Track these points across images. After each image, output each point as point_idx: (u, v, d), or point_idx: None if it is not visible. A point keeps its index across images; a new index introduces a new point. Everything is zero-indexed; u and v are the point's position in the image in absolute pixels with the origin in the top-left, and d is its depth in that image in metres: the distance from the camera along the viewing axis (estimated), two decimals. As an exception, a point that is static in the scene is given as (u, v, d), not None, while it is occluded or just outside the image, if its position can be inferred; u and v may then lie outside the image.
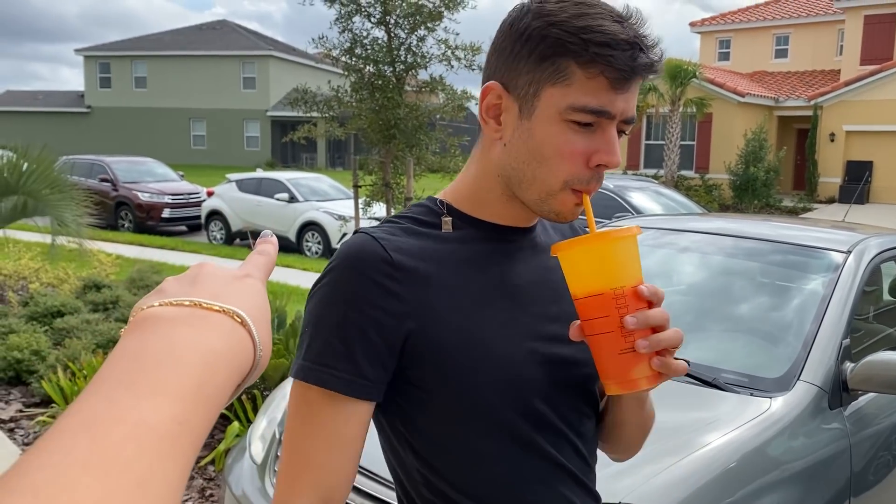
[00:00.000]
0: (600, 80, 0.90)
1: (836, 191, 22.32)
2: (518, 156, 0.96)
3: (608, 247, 0.90)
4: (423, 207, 1.05)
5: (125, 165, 16.04)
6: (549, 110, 0.92)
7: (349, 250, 0.97)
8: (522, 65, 0.94)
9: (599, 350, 0.92)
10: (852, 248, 2.86)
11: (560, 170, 0.93)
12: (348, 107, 6.54)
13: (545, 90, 0.92)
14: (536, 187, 0.95)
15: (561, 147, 0.92)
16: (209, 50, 38.48)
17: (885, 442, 2.56)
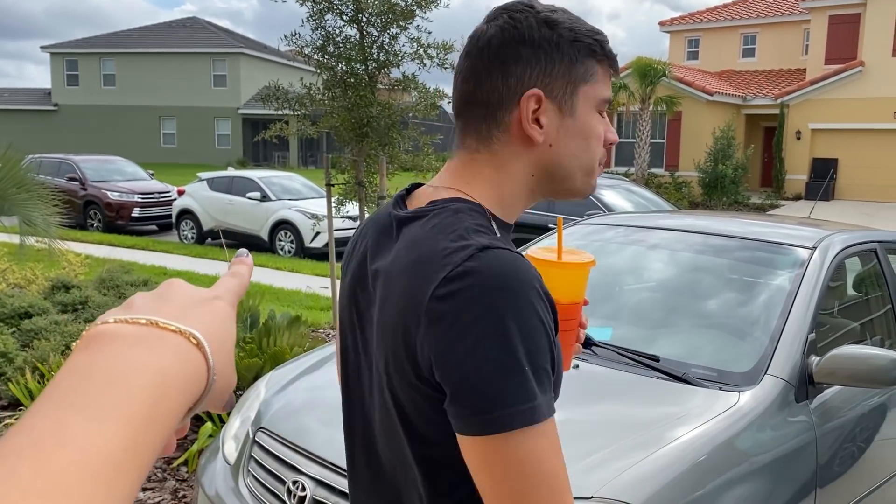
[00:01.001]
0: (609, 75, 1.11)
1: (803, 188, 22.69)
2: (567, 150, 1.08)
3: (585, 272, 1.19)
4: (482, 215, 1.03)
5: (94, 164, 15.82)
6: (588, 105, 1.08)
7: (522, 268, 0.91)
8: (556, 70, 1.05)
9: (569, 341, 1.20)
10: (817, 245, 2.93)
11: (597, 151, 1.10)
12: (320, 105, 6.50)
13: (581, 90, 1.07)
14: (581, 172, 1.09)
15: (598, 132, 1.10)
16: (179, 47, 38.05)
17: (849, 434, 2.62)
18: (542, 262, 1.14)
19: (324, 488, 2.10)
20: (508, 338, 0.85)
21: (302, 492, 2.11)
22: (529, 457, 0.85)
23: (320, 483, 2.11)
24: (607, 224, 3.66)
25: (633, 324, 2.99)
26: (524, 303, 0.87)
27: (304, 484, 2.12)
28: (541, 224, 9.17)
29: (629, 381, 2.40)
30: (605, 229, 3.60)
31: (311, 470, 2.14)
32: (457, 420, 0.87)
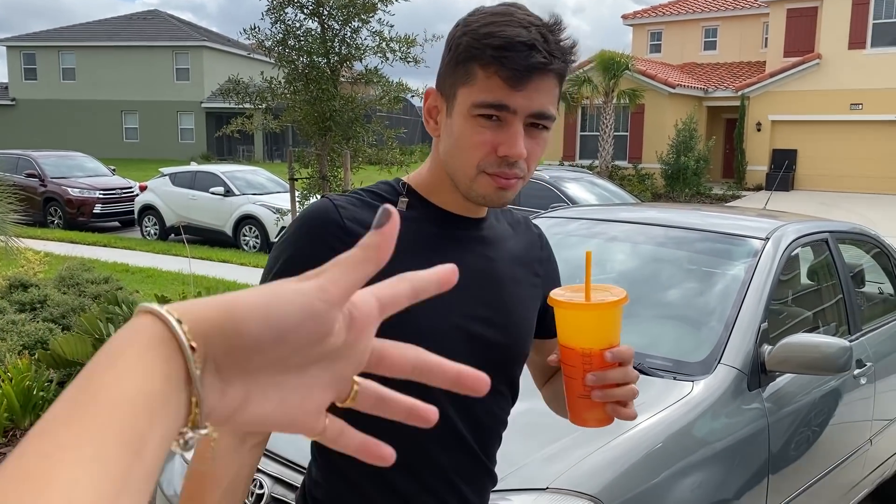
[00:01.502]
0: (496, 79, 1.03)
1: (763, 178, 23.06)
2: (447, 149, 1.10)
3: (586, 314, 1.04)
4: (388, 185, 1.17)
5: (53, 160, 15.53)
6: (462, 108, 1.06)
7: (309, 212, 1.09)
8: (447, 70, 1.09)
9: (566, 388, 1.09)
10: (770, 236, 2.99)
11: (472, 157, 1.06)
12: (282, 98, 6.47)
13: (459, 91, 1.06)
14: (460, 175, 1.08)
15: (471, 138, 1.05)
16: (141, 40, 37.41)
17: (802, 420, 2.68)
18: (552, 300, 1.04)
19: (282, 486, 2.10)
20: (274, 255, 1.10)
21: (260, 489, 2.11)
22: None
23: (278, 480, 2.11)
24: (569, 217, 3.70)
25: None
26: (295, 235, 1.09)
27: (261, 481, 2.12)
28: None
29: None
30: (567, 222, 3.63)
31: (270, 468, 2.14)
32: None
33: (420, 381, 0.50)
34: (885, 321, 3.62)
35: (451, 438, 1.12)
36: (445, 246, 1.12)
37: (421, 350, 0.51)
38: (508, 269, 1.20)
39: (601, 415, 1.07)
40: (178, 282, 8.65)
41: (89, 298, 6.13)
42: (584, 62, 22.04)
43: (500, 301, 1.16)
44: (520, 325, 1.20)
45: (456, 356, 1.04)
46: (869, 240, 3.88)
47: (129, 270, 9.60)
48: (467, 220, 1.15)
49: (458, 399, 1.09)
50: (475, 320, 1.12)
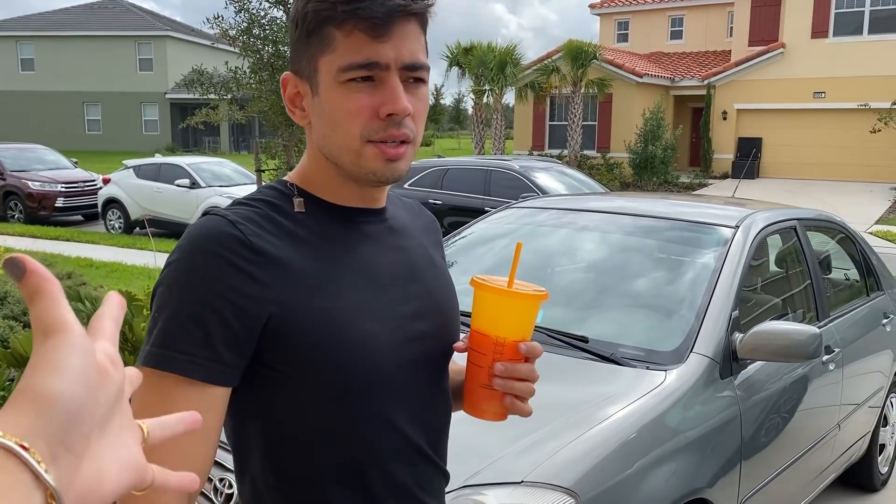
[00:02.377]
0: (357, 35, 0.94)
1: (730, 166, 23.32)
2: (321, 131, 1.00)
3: (507, 301, 1.01)
4: (275, 190, 1.06)
5: (13, 153, 15.15)
6: (328, 79, 0.96)
7: (203, 232, 0.94)
8: (300, 48, 0.99)
9: (468, 376, 1.06)
10: (740, 224, 3.00)
11: (353, 127, 0.96)
12: (248, 89, 6.36)
13: (320, 63, 0.97)
14: (344, 153, 0.99)
15: (346, 107, 0.96)
16: (102, 30, 36.69)
17: (773, 407, 2.70)
18: (478, 283, 1.03)
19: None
20: (166, 286, 0.95)
21: (229, 489, 2.06)
22: (137, 397, 0.91)
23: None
24: (539, 207, 3.68)
25: (564, 305, 3.01)
26: (193, 260, 0.93)
27: (230, 481, 2.07)
28: (475, 207, 9.20)
29: (559, 362, 2.42)
30: (537, 212, 3.61)
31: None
32: None
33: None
34: (851, 307, 3.67)
35: (406, 451, 1.05)
36: (357, 243, 1.04)
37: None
38: (423, 253, 1.14)
39: (499, 408, 1.05)
40: (143, 276, 8.50)
41: (51, 294, 5.99)
42: (552, 52, 22.07)
43: (426, 289, 1.09)
44: (448, 309, 1.14)
45: (395, 360, 1.02)
46: (835, 226, 3.92)
47: (94, 265, 9.42)
48: (369, 211, 1.07)
49: (408, 406, 1.05)
50: (407, 318, 1.05)
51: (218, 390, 0.93)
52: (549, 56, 21.98)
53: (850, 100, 21.56)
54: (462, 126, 65.89)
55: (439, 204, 9.60)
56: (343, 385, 0.98)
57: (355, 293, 1.00)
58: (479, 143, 20.68)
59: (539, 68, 21.31)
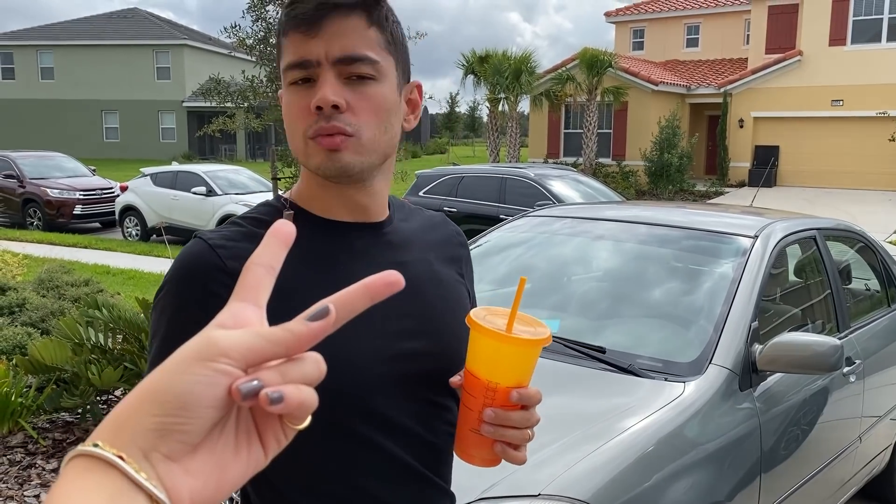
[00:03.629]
0: (292, 36, 0.96)
1: (746, 175, 23.18)
2: (287, 134, 1.03)
3: (502, 347, 0.93)
4: (269, 206, 1.06)
5: (32, 161, 15.31)
6: (284, 85, 0.99)
7: (184, 259, 0.97)
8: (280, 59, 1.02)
9: (459, 416, 1.00)
10: (759, 233, 2.96)
11: (297, 127, 0.98)
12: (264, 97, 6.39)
13: (282, 68, 0.99)
14: (299, 154, 1.00)
15: (291, 110, 0.98)
16: (120, 39, 37.05)
17: (793, 419, 2.66)
18: (473, 323, 0.94)
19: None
20: (155, 315, 0.99)
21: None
22: None
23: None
24: (554, 216, 3.66)
25: (580, 315, 2.99)
26: (176, 288, 0.97)
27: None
28: (490, 215, 9.19)
29: (576, 373, 2.40)
30: (552, 221, 3.60)
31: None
32: None
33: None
34: (872, 318, 3.62)
35: (396, 471, 1.01)
36: (344, 259, 1.01)
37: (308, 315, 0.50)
38: (426, 269, 1.09)
39: (488, 454, 0.98)
40: (159, 283, 8.54)
41: (69, 301, 6.03)
42: (568, 60, 22.06)
43: (423, 307, 1.05)
44: (450, 327, 1.08)
45: (378, 381, 0.99)
46: (855, 236, 3.88)
47: (110, 272, 9.49)
48: (362, 225, 1.04)
49: (397, 426, 1.01)
50: (398, 336, 1.01)
51: None
52: (565, 64, 21.97)
53: (869, 108, 21.39)
54: (477, 134, 65.93)
55: (454, 212, 9.60)
56: (325, 405, 0.95)
57: None
58: (494, 150, 20.67)
59: (554, 76, 21.30)
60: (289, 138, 1.01)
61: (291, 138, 0.99)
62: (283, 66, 0.98)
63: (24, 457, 3.80)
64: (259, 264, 0.49)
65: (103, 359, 3.98)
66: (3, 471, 3.67)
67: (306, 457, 0.97)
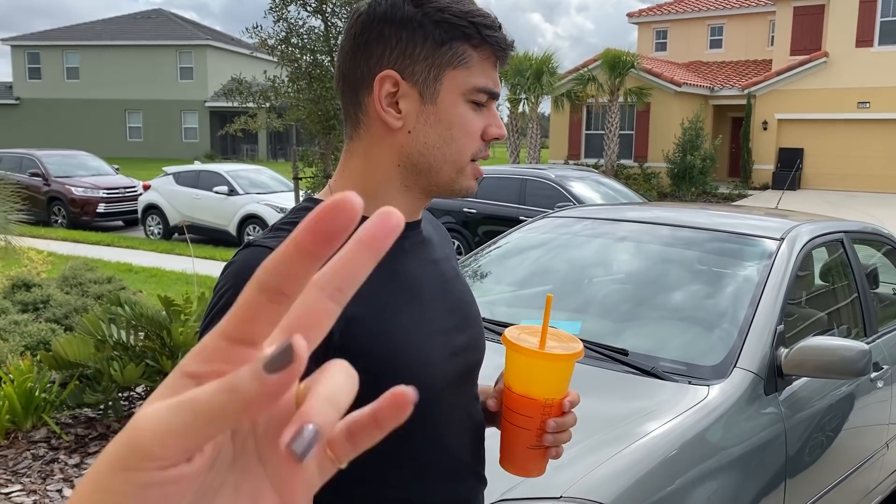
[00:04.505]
0: (490, 61, 0.99)
1: (770, 177, 22.95)
2: (427, 140, 0.99)
3: (552, 365, 1.01)
4: (308, 210, 1.03)
5: (57, 159, 15.49)
6: (454, 93, 0.98)
7: (244, 267, 0.92)
8: (418, 51, 0.96)
9: (512, 438, 1.04)
10: (785, 236, 2.92)
11: (468, 147, 1.00)
12: (286, 97, 6.42)
13: (448, 74, 0.97)
14: (448, 167, 0.99)
15: (467, 126, 0.99)
16: (144, 39, 37.44)
17: (818, 424, 2.62)
18: (512, 345, 1.01)
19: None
20: (209, 320, 0.93)
21: None
22: None
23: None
24: (576, 217, 3.63)
25: (602, 317, 2.96)
26: (227, 294, 0.92)
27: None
28: (510, 216, 9.17)
29: (598, 375, 2.37)
30: (573, 222, 3.57)
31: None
32: None
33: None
34: (900, 322, 3.55)
35: (453, 467, 1.04)
36: (400, 259, 1.02)
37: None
38: (450, 266, 1.14)
39: (544, 464, 1.06)
40: (181, 282, 8.61)
41: (92, 298, 6.08)
42: (589, 60, 21.96)
43: (458, 301, 1.10)
44: (478, 319, 1.15)
45: (445, 376, 1.01)
46: (883, 239, 3.81)
47: (133, 270, 9.57)
48: (408, 225, 1.04)
49: (455, 422, 1.04)
50: (450, 332, 1.05)
51: None
52: (586, 65, 21.88)
53: (896, 110, 21.10)
54: (497, 135, 65.90)
55: (473, 213, 9.58)
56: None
57: (405, 311, 0.99)
58: (514, 152, 20.63)
59: (576, 77, 21.21)
60: (440, 147, 1.00)
61: (451, 150, 1.00)
62: (470, 80, 0.98)
63: (47, 451, 3.84)
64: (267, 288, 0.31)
65: (125, 356, 4.01)
66: (26, 465, 3.70)
67: (380, 465, 0.97)
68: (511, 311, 3.10)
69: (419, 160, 1.00)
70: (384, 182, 1.01)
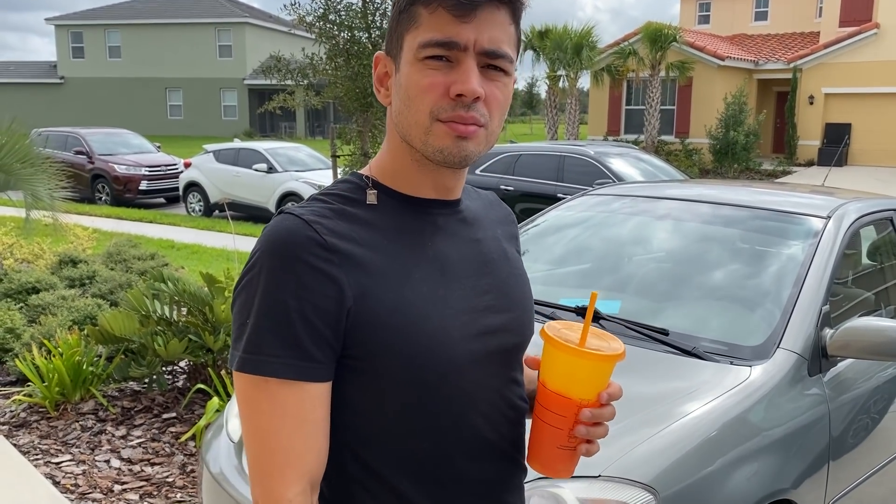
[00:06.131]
0: (441, 14, 0.94)
1: (815, 153, 22.42)
2: (398, 108, 1.00)
3: (592, 365, 0.98)
4: (350, 184, 1.06)
5: (100, 137, 15.78)
6: (409, 55, 0.97)
7: (279, 235, 0.95)
8: (392, 26, 1.01)
9: (541, 436, 1.02)
10: (832, 214, 2.85)
11: (423, 103, 0.96)
12: (324, 75, 6.43)
13: (405, 39, 0.98)
14: (416, 130, 0.98)
15: (420, 83, 0.96)
16: (183, 17, 37.75)
17: (863, 406, 2.57)
18: (552, 341, 0.99)
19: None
20: (249, 291, 0.95)
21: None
22: (245, 402, 0.95)
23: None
24: (615, 194, 3.59)
25: (642, 296, 2.93)
26: (272, 264, 0.93)
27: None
28: (548, 194, 9.10)
29: (638, 355, 2.35)
30: (612, 199, 3.53)
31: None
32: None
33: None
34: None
35: (479, 446, 1.04)
36: (430, 236, 1.03)
37: None
38: (496, 246, 1.12)
39: (573, 465, 1.04)
40: (222, 258, 8.74)
41: (136, 274, 6.21)
42: (630, 34, 21.59)
43: (499, 282, 1.08)
44: (523, 303, 1.12)
45: (469, 356, 1.00)
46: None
47: (175, 247, 9.74)
48: (443, 202, 1.06)
49: (483, 401, 1.04)
50: (481, 312, 1.04)
51: (316, 386, 0.94)
52: (627, 39, 21.51)
53: (949, 83, 20.40)
54: (535, 111, 65.28)
55: (511, 190, 9.53)
56: (416, 379, 0.98)
57: (429, 286, 0.99)
58: (553, 128, 20.43)
59: (616, 51, 20.88)
60: (404, 112, 0.98)
61: (411, 113, 0.97)
62: (417, 38, 0.95)
63: (95, 423, 3.94)
64: None
65: (168, 331, 4.09)
66: (75, 436, 3.81)
67: (400, 437, 0.99)
68: (548, 290, 3.08)
69: (402, 131, 1.01)
70: (400, 159, 1.04)
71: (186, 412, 4.04)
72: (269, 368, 0.92)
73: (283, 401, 0.93)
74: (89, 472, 3.48)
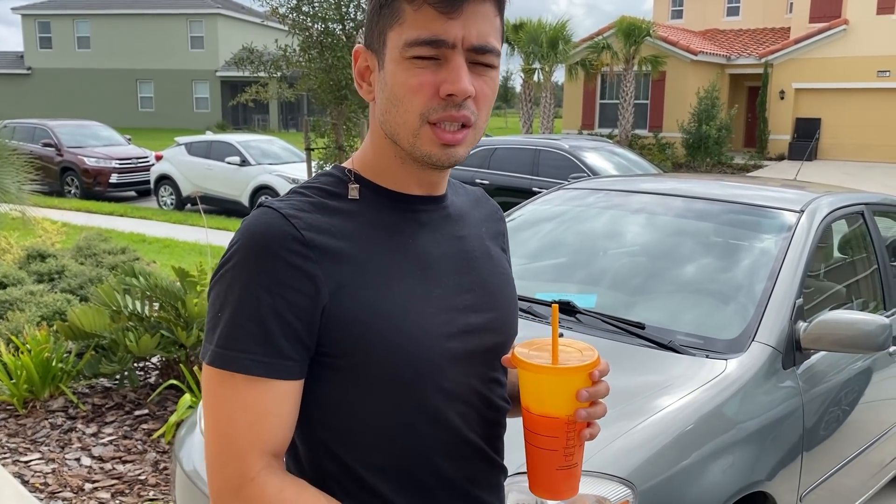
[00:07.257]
0: (426, 10, 0.91)
1: (786, 148, 22.70)
2: (384, 106, 0.97)
3: (571, 379, 0.95)
4: (332, 177, 1.04)
5: (69, 129, 15.51)
6: (393, 53, 0.94)
7: (256, 228, 0.93)
8: (373, 20, 0.97)
9: (538, 461, 0.99)
10: (805, 208, 2.88)
11: (413, 105, 0.93)
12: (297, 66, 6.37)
13: (389, 36, 0.94)
14: (403, 132, 0.95)
15: (408, 83, 0.93)
16: (155, 8, 37.24)
17: (835, 398, 2.60)
18: (525, 365, 0.96)
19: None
20: (224, 284, 0.93)
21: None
22: (211, 393, 0.93)
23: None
24: (590, 188, 3.59)
25: (618, 290, 2.94)
26: (248, 258, 0.91)
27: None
28: (523, 187, 9.11)
29: (613, 348, 2.35)
30: (588, 193, 3.53)
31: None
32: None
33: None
34: (919, 296, 3.51)
35: (457, 445, 1.02)
36: (412, 232, 1.01)
37: None
38: (480, 244, 1.10)
39: (576, 482, 1.00)
40: (194, 252, 8.64)
41: (106, 269, 6.11)
42: (604, 28, 21.68)
43: (481, 281, 1.06)
44: (506, 302, 1.10)
45: (447, 354, 0.98)
46: (904, 211, 3.75)
47: (146, 241, 9.61)
48: (427, 199, 1.04)
49: (461, 400, 1.02)
50: (461, 310, 1.02)
51: (285, 384, 0.92)
52: (601, 33, 21.60)
53: (916, 79, 20.75)
54: (509, 105, 65.35)
55: (486, 184, 9.53)
56: (393, 377, 0.96)
57: (407, 283, 0.98)
58: (528, 122, 20.47)
59: (590, 45, 20.96)
60: (391, 112, 0.96)
61: (399, 113, 0.94)
62: (402, 36, 0.92)
63: (65, 421, 3.88)
64: None
65: (140, 326, 4.03)
66: (44, 434, 3.75)
67: (377, 435, 0.98)
68: (524, 284, 3.08)
69: (386, 129, 0.98)
70: (383, 155, 1.01)
71: (159, 409, 3.99)
72: (239, 364, 0.90)
73: (249, 396, 0.91)
74: (59, 471, 3.42)
